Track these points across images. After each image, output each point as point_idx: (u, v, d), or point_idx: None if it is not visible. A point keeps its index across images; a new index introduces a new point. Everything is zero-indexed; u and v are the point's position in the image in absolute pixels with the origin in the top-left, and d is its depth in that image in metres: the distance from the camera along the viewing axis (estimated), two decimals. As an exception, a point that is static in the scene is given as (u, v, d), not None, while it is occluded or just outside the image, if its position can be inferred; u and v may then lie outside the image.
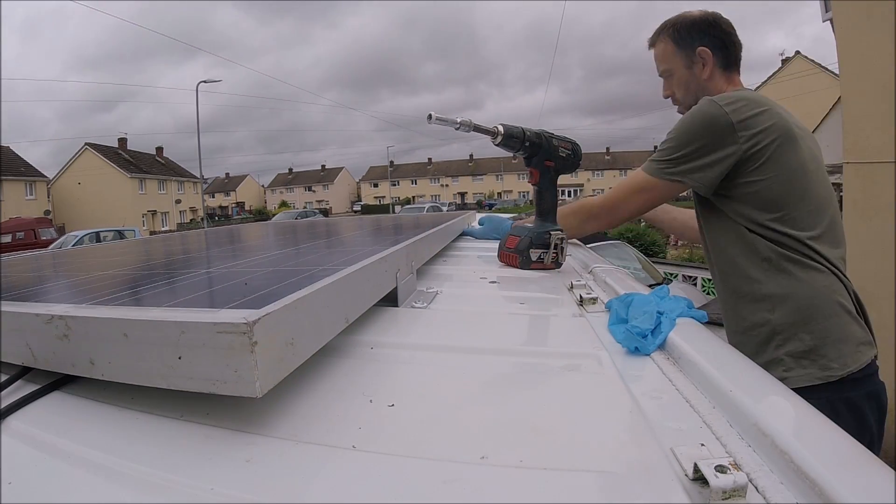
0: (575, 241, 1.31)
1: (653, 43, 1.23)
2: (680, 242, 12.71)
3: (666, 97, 1.24)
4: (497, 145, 0.97)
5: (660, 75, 1.23)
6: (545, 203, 1.06)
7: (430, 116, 0.86)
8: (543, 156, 1.03)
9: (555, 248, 1.00)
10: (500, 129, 0.96)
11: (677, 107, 1.23)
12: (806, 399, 0.36)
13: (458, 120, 0.90)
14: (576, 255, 1.19)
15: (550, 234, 1.00)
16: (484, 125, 0.95)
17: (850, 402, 0.94)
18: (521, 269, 1.00)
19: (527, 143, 1.00)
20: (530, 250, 1.00)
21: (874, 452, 0.34)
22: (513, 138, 0.98)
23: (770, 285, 1.00)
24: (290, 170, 61.22)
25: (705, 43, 1.14)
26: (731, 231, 1.06)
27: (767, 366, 0.98)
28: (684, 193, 1.17)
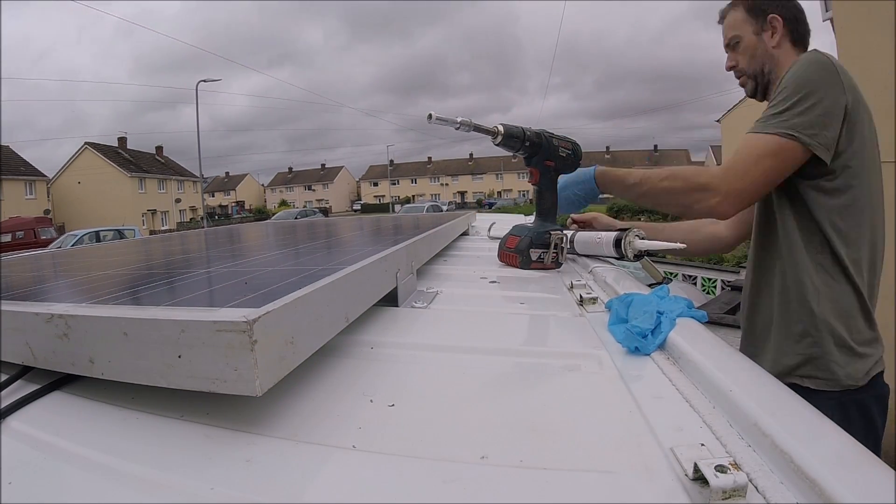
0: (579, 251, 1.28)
1: (723, 15, 1.17)
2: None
3: (729, 69, 1.18)
4: (497, 145, 0.97)
5: (726, 46, 1.18)
6: (545, 203, 1.06)
7: (430, 116, 0.86)
8: (543, 155, 1.03)
9: (555, 247, 1.00)
10: (500, 128, 0.96)
11: (740, 79, 1.17)
12: (819, 402, 0.36)
13: (458, 120, 0.90)
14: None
15: (550, 234, 1.00)
16: (484, 125, 0.94)
17: (861, 405, 0.94)
18: (521, 268, 1.00)
19: (527, 143, 0.99)
20: (530, 250, 1.00)
21: (877, 454, 0.34)
22: (513, 138, 0.98)
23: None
24: (290, 169, 61.17)
25: (777, 11, 1.10)
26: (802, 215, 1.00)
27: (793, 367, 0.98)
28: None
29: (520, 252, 1.01)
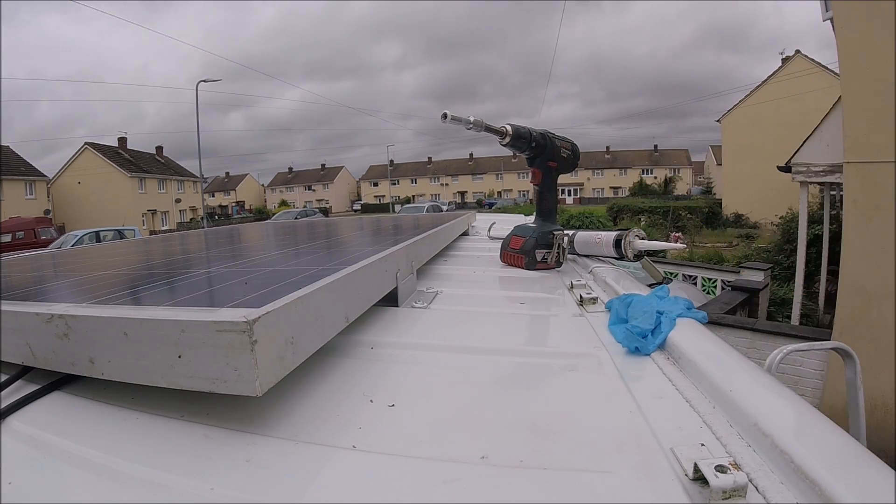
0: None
1: None
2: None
3: None
4: (504, 145, 0.97)
5: None
6: (546, 203, 1.06)
7: (444, 115, 0.86)
8: (547, 156, 1.03)
9: (557, 247, 1.00)
10: (509, 129, 0.96)
11: None
12: None
13: (471, 119, 0.90)
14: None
15: (554, 235, 1.00)
16: (493, 125, 0.95)
17: None
18: (527, 269, 1.00)
19: (533, 144, 1.00)
20: (535, 251, 1.00)
21: None
22: (521, 139, 0.98)
23: None
24: (290, 169, 61.12)
25: None
26: None
27: None
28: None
29: (525, 253, 1.01)
